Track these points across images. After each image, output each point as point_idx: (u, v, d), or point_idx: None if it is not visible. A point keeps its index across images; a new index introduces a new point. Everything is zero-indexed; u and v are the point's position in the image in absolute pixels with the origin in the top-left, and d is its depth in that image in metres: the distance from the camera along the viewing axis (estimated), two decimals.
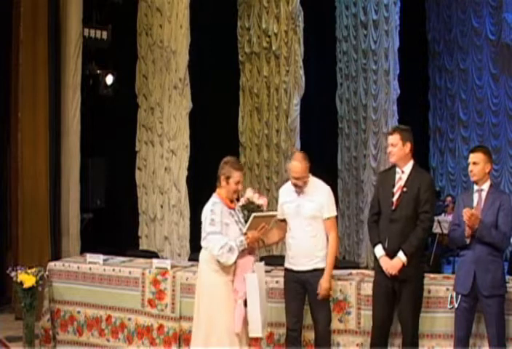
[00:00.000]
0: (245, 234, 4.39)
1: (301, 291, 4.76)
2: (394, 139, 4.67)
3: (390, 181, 4.67)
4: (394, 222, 4.55)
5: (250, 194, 4.74)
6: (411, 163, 4.67)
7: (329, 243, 4.73)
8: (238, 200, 4.71)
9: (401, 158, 4.65)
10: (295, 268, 4.74)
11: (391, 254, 4.53)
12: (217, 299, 4.42)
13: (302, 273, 4.70)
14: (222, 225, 4.39)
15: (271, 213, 4.60)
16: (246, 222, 4.49)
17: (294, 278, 4.76)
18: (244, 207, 4.66)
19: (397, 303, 4.58)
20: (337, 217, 4.91)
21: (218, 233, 4.35)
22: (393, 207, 4.57)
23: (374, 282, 4.72)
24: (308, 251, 4.69)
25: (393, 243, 4.53)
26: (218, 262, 4.36)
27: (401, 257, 4.48)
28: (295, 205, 4.74)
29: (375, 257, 4.67)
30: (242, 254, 4.41)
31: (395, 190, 4.61)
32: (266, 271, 5.22)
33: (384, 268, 4.54)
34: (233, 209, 4.55)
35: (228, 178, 4.46)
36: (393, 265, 4.50)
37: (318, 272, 4.68)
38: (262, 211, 4.73)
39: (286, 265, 4.82)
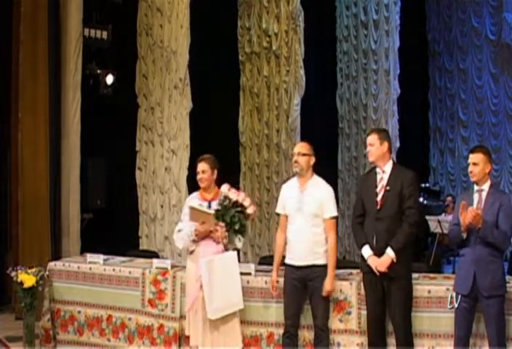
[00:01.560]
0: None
1: (301, 289, 4.81)
2: (372, 139, 4.75)
3: (372, 182, 4.73)
4: (380, 220, 4.59)
5: (225, 190, 4.88)
6: (390, 162, 4.74)
7: (329, 244, 4.79)
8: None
9: (379, 156, 4.70)
10: (295, 263, 4.80)
11: (379, 253, 4.56)
12: (186, 282, 5.04)
13: (302, 269, 4.76)
14: (184, 214, 4.99)
15: (208, 211, 4.81)
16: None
17: (294, 274, 4.81)
18: (219, 202, 4.85)
19: (387, 302, 4.61)
20: (337, 217, 4.97)
21: (180, 221, 5.04)
22: (378, 207, 4.62)
23: (363, 283, 4.76)
24: (308, 247, 4.76)
25: (380, 241, 4.57)
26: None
27: (390, 253, 4.51)
28: (297, 201, 4.82)
29: (362, 257, 4.71)
30: (207, 242, 4.80)
31: (378, 189, 4.67)
32: (266, 271, 5.23)
33: (373, 267, 4.57)
34: (208, 201, 4.91)
35: None
36: (382, 262, 4.53)
37: (318, 268, 4.75)
38: (239, 206, 4.83)
39: (287, 260, 4.88)
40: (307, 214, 4.78)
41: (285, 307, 4.87)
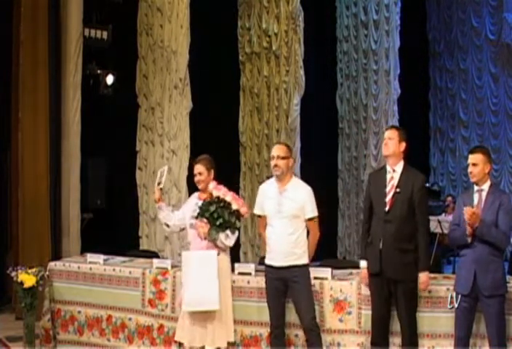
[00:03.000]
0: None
1: (282, 289, 4.78)
2: (393, 133, 4.73)
3: (382, 181, 4.69)
4: (388, 222, 4.57)
5: (211, 187, 4.91)
6: (402, 163, 4.72)
7: (310, 236, 4.77)
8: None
9: (395, 153, 4.68)
10: (275, 264, 4.77)
11: (385, 256, 4.54)
12: None
13: (282, 270, 4.73)
14: (181, 211, 5.19)
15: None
16: (198, 214, 4.89)
17: (274, 275, 4.78)
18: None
19: (394, 303, 4.62)
20: (319, 217, 4.88)
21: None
22: (387, 208, 4.59)
23: (369, 283, 4.75)
24: (287, 249, 4.72)
25: (387, 244, 4.55)
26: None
27: (424, 273, 4.57)
28: (276, 203, 4.77)
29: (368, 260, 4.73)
30: (197, 237, 4.83)
31: (387, 189, 4.64)
32: (262, 271, 5.21)
33: (361, 281, 4.70)
34: (203, 200, 4.92)
35: None
36: (424, 280, 4.57)
37: (297, 268, 4.72)
38: (221, 202, 4.82)
39: (267, 261, 4.85)
40: (286, 216, 4.72)
41: (269, 308, 4.84)
